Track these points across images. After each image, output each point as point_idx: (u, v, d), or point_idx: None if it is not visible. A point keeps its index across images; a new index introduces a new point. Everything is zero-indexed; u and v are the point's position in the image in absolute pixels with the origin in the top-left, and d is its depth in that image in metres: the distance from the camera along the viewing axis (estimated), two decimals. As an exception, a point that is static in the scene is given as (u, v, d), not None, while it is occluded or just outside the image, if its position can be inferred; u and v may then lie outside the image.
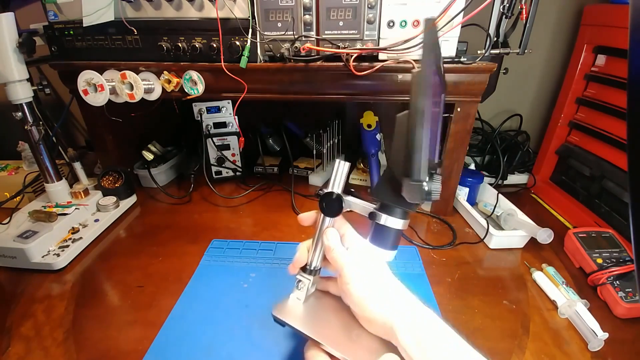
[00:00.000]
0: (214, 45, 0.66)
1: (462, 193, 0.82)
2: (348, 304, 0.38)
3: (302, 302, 0.42)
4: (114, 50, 0.70)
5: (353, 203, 0.40)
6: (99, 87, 0.67)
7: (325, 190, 0.39)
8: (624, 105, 0.68)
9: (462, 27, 0.61)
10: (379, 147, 0.88)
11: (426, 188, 0.31)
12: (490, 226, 0.70)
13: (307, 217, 0.44)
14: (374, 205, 0.40)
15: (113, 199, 0.80)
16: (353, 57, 0.64)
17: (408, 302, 0.35)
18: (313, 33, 0.64)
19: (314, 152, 0.94)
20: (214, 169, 0.95)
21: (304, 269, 0.43)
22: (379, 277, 0.37)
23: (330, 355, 0.37)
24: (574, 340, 0.51)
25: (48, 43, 0.72)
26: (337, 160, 0.40)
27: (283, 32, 0.64)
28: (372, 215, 0.39)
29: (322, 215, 0.40)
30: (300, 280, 0.42)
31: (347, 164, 0.39)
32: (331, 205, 0.39)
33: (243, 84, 0.68)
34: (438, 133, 0.40)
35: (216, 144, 0.91)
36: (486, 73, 0.64)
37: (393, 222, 0.38)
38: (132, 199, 0.86)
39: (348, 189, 0.40)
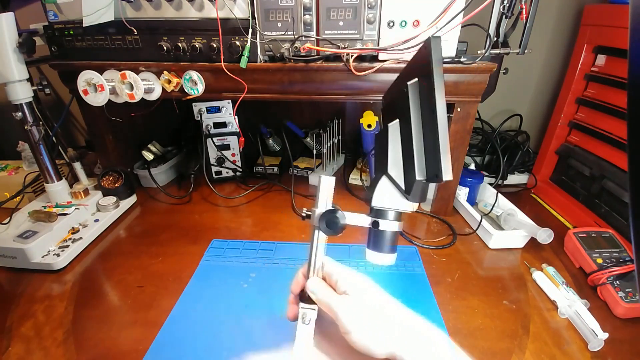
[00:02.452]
0: (214, 45, 0.66)
1: (462, 193, 0.82)
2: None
3: (312, 343, 0.37)
4: (114, 50, 0.70)
5: (348, 216, 0.37)
6: (99, 87, 0.67)
7: (317, 210, 0.37)
8: (624, 105, 0.68)
9: (462, 27, 0.61)
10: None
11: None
12: (489, 225, 0.70)
13: (297, 284, 0.38)
14: (365, 214, 0.39)
15: (113, 199, 0.80)
16: (353, 57, 0.64)
17: (416, 336, 0.32)
18: (313, 33, 0.64)
19: (314, 152, 0.94)
20: (214, 169, 0.95)
21: (302, 298, 0.38)
22: (382, 318, 0.33)
23: None
24: (574, 340, 0.51)
25: (48, 43, 0.72)
26: (320, 176, 0.37)
27: (283, 32, 0.64)
28: (375, 224, 0.38)
29: (315, 236, 0.37)
30: (305, 313, 0.37)
31: (333, 179, 0.37)
32: (334, 224, 0.36)
33: (243, 84, 0.68)
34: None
35: (216, 144, 0.91)
36: (486, 73, 0.64)
37: (391, 225, 0.38)
38: (132, 199, 0.86)
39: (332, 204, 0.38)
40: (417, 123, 0.35)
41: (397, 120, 0.38)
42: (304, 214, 0.38)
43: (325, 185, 0.37)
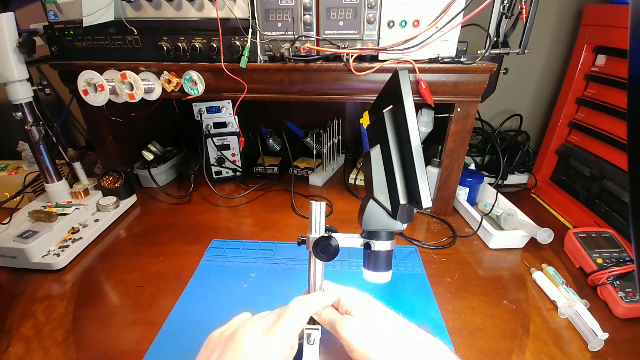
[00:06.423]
0: (214, 45, 0.66)
1: (462, 193, 0.82)
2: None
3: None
4: (114, 50, 0.70)
5: (341, 239, 0.38)
6: (99, 87, 0.67)
7: (311, 235, 0.38)
8: (624, 105, 0.68)
9: (462, 27, 0.61)
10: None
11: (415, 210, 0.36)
12: (489, 226, 0.70)
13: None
14: (358, 235, 0.40)
15: (113, 199, 0.80)
16: (353, 57, 0.64)
17: (420, 354, 0.32)
18: (313, 33, 0.64)
19: (314, 152, 0.94)
20: (214, 169, 0.95)
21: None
22: (384, 337, 0.33)
23: None
24: (574, 340, 0.51)
25: (48, 43, 0.72)
26: (312, 202, 0.38)
27: (283, 32, 0.64)
28: (367, 246, 0.39)
29: (312, 260, 0.38)
30: (309, 334, 0.37)
31: (323, 203, 0.38)
32: (327, 250, 0.37)
33: (243, 84, 0.68)
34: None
35: (216, 144, 0.91)
36: (486, 73, 0.64)
37: (383, 245, 0.39)
38: (132, 199, 0.86)
39: (326, 226, 0.39)
40: (396, 151, 0.37)
41: (378, 145, 0.40)
42: (299, 240, 0.39)
43: (316, 210, 0.38)
